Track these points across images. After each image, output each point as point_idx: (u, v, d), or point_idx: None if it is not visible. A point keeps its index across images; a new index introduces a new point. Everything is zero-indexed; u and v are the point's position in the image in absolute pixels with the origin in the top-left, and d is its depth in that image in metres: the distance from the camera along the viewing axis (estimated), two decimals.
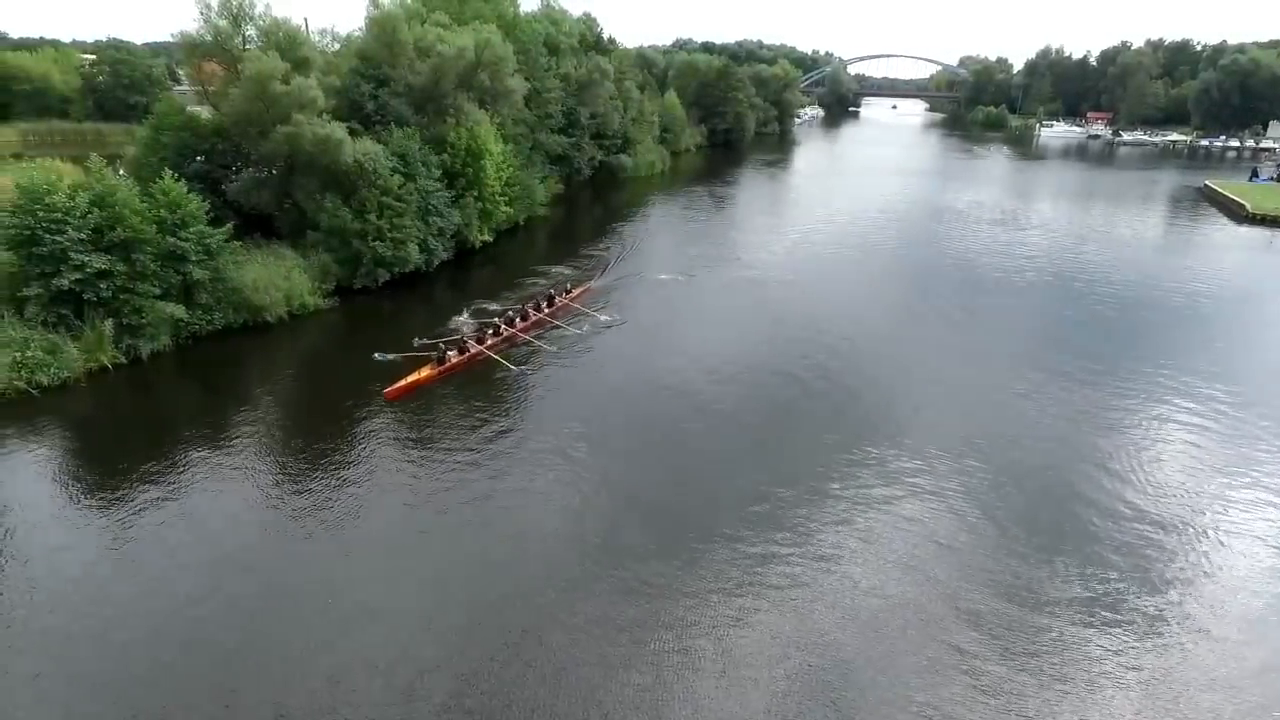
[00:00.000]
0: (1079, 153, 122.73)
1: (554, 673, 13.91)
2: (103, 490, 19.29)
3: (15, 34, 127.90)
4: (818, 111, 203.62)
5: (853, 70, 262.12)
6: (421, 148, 38.31)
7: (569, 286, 35.93)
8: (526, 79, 50.97)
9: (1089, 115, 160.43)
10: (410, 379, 25.33)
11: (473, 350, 27.91)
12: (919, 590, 16.44)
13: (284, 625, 14.89)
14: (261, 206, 35.21)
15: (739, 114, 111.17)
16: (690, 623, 15.25)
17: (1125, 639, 15.25)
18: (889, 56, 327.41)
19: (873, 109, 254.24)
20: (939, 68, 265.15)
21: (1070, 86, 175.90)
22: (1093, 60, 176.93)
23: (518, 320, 31.37)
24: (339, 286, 34.13)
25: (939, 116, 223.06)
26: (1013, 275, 43.31)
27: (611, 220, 56.56)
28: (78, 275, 24.88)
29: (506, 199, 46.19)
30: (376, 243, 34.50)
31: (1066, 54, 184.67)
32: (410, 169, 36.77)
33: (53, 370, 24.17)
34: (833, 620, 15.49)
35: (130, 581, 16.04)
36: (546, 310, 33.17)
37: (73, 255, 24.74)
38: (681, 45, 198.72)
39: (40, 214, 24.57)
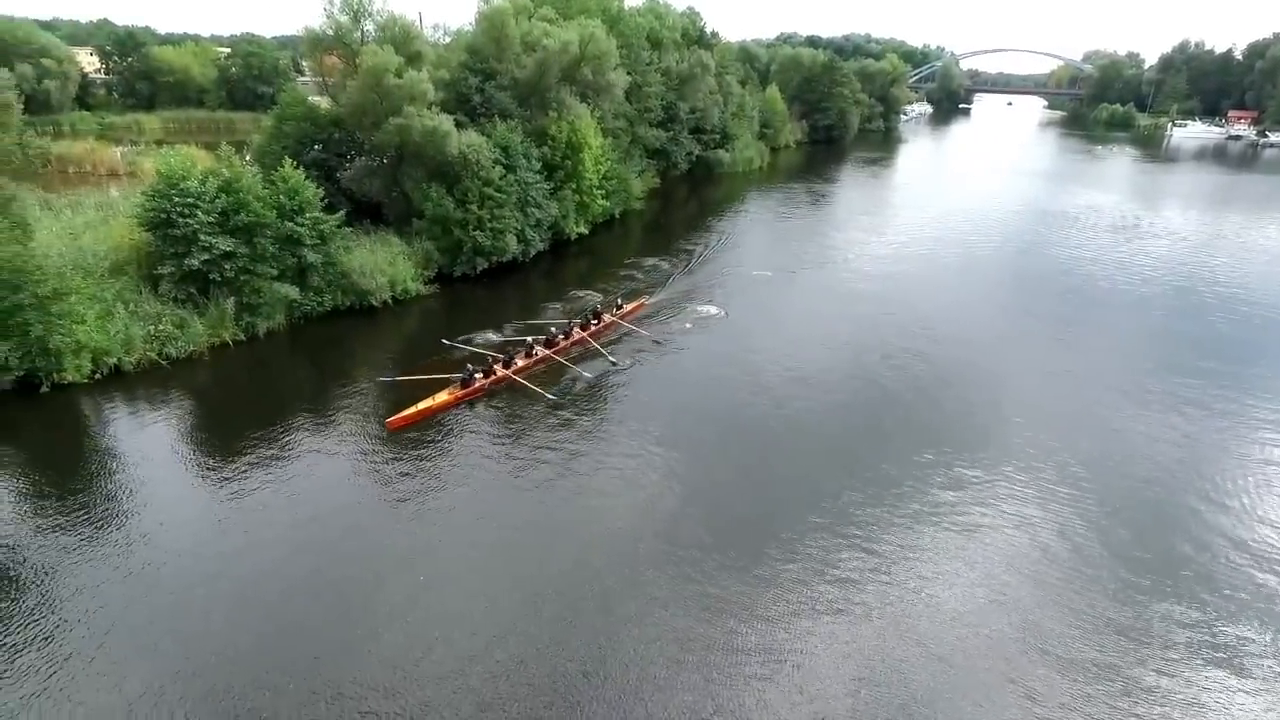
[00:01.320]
0: (1216, 155, 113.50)
1: (607, 670, 14.02)
2: (216, 457, 20.69)
3: (163, 30, 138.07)
4: (925, 108, 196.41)
5: (965, 65, 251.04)
6: (523, 140, 39.14)
7: (619, 302, 32.86)
8: (628, 73, 51.28)
9: (1230, 114, 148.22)
10: (421, 406, 23.02)
11: (499, 374, 25.42)
12: (1000, 622, 15.57)
13: (367, 595, 15.53)
14: (371, 194, 36.80)
15: (842, 110, 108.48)
16: (754, 636, 14.99)
17: (1230, 697, 14.00)
18: (1005, 51, 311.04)
19: (985, 106, 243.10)
20: (1060, 63, 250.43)
21: (1210, 83, 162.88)
22: (1238, 54, 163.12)
23: (560, 338, 28.64)
24: (439, 273, 35.37)
25: (1058, 115, 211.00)
26: (1130, 287, 40.41)
27: (706, 215, 56.25)
28: (206, 256, 26.69)
29: (603, 192, 46.70)
30: (477, 232, 35.52)
31: (1208, 48, 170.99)
32: (511, 161, 37.62)
33: (180, 343, 26.09)
34: (904, 645, 14.89)
35: (231, 540, 17.16)
36: (594, 328, 30.30)
37: (202, 237, 26.56)
38: (785, 39, 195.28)
39: (175, 198, 26.48)
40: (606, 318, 31.30)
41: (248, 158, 34.78)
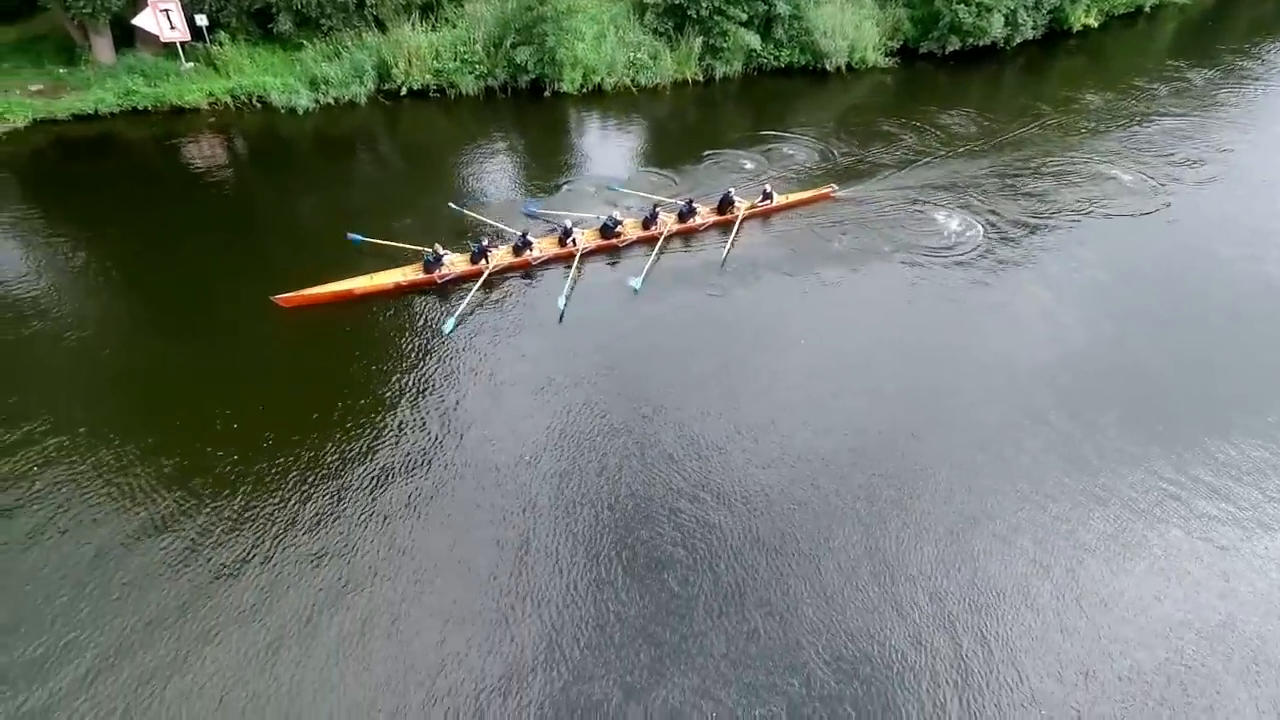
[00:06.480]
0: None
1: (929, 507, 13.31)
2: (663, 172, 22.97)
3: None
4: None
5: None
6: None
7: (767, 189, 20.99)
8: None
9: None
10: (328, 288, 16.21)
11: (495, 263, 17.49)
12: None
13: (733, 359, 16.65)
14: None
15: None
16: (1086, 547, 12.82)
17: None
18: None
19: None
20: None
21: None
22: None
23: (626, 228, 19.24)
24: (903, 46, 32.45)
25: None
26: None
27: None
28: None
29: None
30: (960, 5, 31.16)
31: None
32: None
33: (650, 73, 28.50)
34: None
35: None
36: (707, 219, 20.10)
37: None
38: None
39: None
40: (742, 206, 20.45)
41: None
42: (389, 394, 14.11)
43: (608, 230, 18.90)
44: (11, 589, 10.31)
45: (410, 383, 14.43)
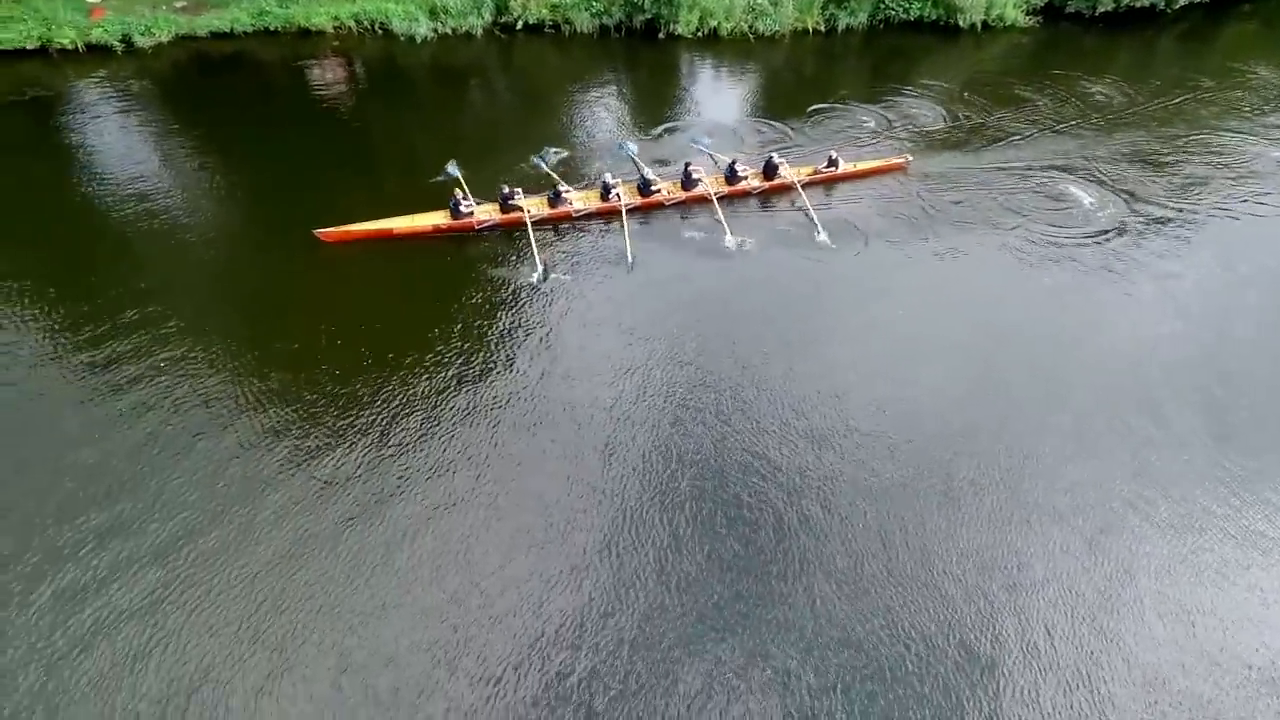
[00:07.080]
0: None
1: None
2: (776, 122, 22.22)
3: None
4: None
5: None
6: None
7: (833, 155, 19.60)
8: None
9: None
10: (366, 226, 16.30)
11: (509, 214, 17.04)
12: None
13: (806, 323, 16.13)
14: None
15: None
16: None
17: None
18: None
19: None
20: None
21: None
22: None
23: (666, 188, 18.31)
24: (1048, 5, 29.98)
25: None
26: None
27: None
28: None
29: None
30: None
31: None
32: None
33: (769, 21, 27.47)
34: None
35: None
36: (754, 183, 18.91)
37: None
38: None
39: None
40: (788, 174, 19.07)
41: None
42: (474, 329, 14.47)
43: (643, 189, 18.15)
44: (120, 462, 11.29)
45: (495, 321, 14.73)
